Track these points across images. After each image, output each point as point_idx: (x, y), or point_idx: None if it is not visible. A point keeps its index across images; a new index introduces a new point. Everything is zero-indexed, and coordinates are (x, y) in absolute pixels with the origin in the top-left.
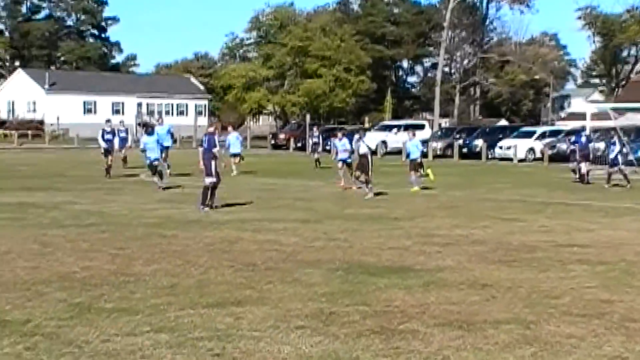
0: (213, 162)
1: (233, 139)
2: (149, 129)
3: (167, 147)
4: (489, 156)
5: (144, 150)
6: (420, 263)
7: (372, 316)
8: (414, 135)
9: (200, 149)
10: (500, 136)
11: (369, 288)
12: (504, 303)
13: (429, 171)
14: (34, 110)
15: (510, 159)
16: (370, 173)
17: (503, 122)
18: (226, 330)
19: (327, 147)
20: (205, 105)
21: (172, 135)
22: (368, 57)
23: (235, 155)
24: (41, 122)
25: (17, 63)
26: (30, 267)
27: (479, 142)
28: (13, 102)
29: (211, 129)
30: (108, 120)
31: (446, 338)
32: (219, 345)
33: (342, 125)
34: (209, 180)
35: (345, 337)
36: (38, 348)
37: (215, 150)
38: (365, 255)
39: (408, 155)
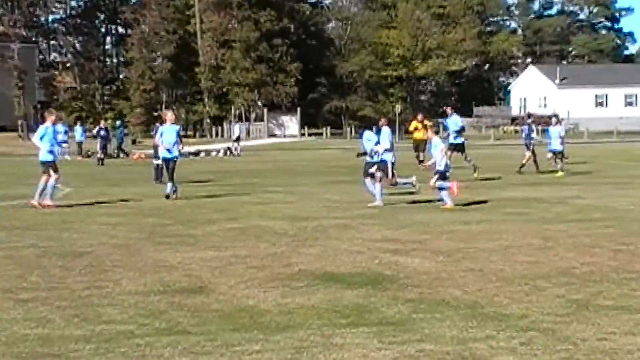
0: None
1: None
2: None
3: None
4: None
5: None
6: None
7: None
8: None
9: None
10: None
11: None
12: None
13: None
14: (545, 106)
15: None
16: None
17: None
18: None
19: None
20: None
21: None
22: None
23: None
24: (550, 117)
25: (528, 60)
26: (530, 261)
27: None
28: (525, 99)
29: None
30: (529, 115)
31: None
32: None
33: None
34: None
35: None
36: (533, 343)
37: None
38: None
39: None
